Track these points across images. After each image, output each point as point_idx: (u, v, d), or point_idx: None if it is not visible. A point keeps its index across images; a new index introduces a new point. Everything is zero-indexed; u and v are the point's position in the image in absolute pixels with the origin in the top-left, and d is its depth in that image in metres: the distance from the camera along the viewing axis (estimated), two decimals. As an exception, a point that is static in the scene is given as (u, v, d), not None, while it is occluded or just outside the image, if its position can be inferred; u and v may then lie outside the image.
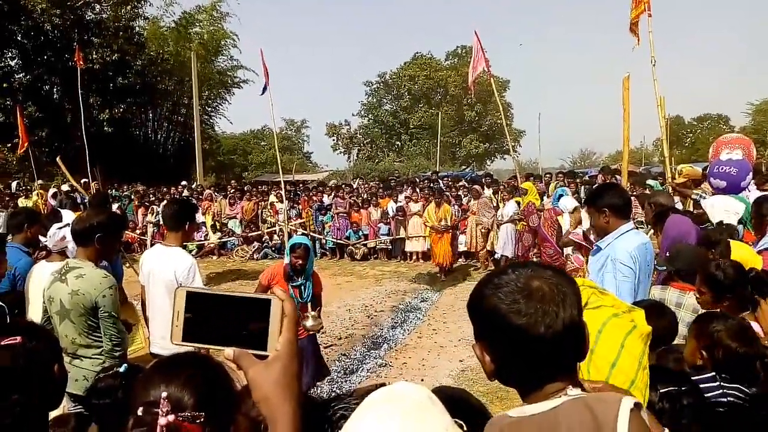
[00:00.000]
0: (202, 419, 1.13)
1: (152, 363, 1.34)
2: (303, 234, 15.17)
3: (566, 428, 1.15)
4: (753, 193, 6.56)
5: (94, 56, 26.20)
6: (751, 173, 6.19)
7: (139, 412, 1.10)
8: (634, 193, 9.46)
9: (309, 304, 5.02)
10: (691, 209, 6.10)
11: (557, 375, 1.25)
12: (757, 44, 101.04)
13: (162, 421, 1.06)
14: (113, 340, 3.41)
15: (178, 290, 0.95)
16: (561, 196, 9.69)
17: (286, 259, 5.07)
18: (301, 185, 21.34)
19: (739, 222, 5.23)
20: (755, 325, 2.75)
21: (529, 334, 1.19)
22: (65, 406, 3.41)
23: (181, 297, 0.95)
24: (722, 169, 6.10)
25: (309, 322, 5.00)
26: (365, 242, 14.64)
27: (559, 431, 1.15)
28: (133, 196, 18.41)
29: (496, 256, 12.44)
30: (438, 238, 12.13)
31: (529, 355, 1.22)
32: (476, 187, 13.81)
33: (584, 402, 1.18)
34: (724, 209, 5.24)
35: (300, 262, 4.91)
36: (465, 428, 1.20)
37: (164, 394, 1.10)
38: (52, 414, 2.37)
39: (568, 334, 1.21)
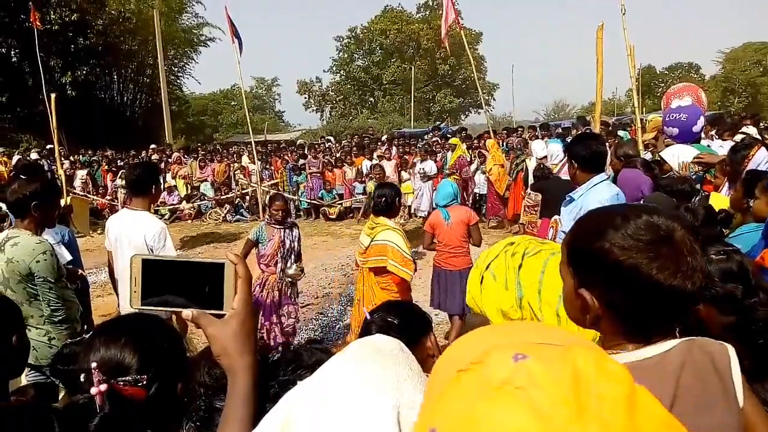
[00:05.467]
0: (144, 382, 1.12)
1: (97, 326, 1.32)
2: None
3: (690, 368, 1.12)
4: (714, 143, 6.66)
5: (52, 16, 25.11)
6: (702, 118, 6.30)
7: (81, 378, 1.09)
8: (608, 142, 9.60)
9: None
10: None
11: (673, 320, 1.19)
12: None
13: (93, 390, 1.06)
14: (51, 306, 3.38)
15: (134, 258, 0.99)
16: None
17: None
18: (272, 145, 21.05)
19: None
20: None
21: (677, 293, 1.09)
22: (26, 376, 3.39)
23: (137, 264, 0.99)
24: (673, 116, 6.27)
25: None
26: (341, 202, 14.58)
27: (682, 372, 1.12)
28: (101, 161, 18.00)
29: (419, 214, 12.60)
30: None
31: (663, 308, 1.13)
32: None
33: (698, 344, 1.15)
34: (688, 154, 5.33)
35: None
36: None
37: (94, 364, 1.09)
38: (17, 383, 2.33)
39: (704, 290, 1.14)
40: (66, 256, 4.30)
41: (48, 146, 17.61)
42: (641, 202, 4.21)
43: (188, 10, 34.77)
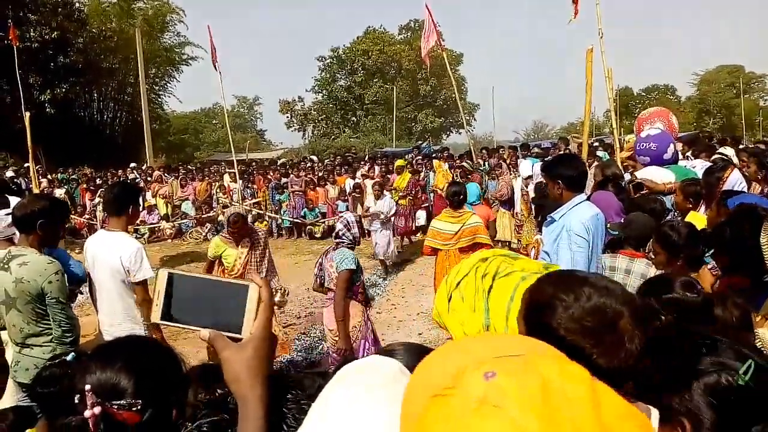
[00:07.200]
0: (138, 406, 1.11)
1: (94, 348, 1.30)
2: (259, 213, 14.99)
3: None
4: (695, 162, 6.76)
5: (31, 34, 25.03)
6: (672, 144, 6.38)
7: (76, 399, 1.08)
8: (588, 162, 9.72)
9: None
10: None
11: None
12: (702, 15, 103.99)
13: (87, 413, 1.05)
14: (63, 326, 3.33)
15: (161, 271, 0.99)
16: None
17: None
18: (254, 164, 21.02)
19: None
20: None
21: (612, 372, 1.10)
22: (15, 396, 3.32)
23: (162, 278, 0.98)
24: (643, 146, 6.35)
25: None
26: (323, 220, 14.55)
27: None
28: (80, 180, 17.81)
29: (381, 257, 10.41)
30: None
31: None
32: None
33: None
34: (659, 178, 5.42)
35: None
36: None
37: (88, 387, 1.08)
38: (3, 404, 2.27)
39: (635, 366, 1.14)
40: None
41: (25, 164, 17.39)
42: (619, 220, 4.27)
43: (170, 29, 34.85)
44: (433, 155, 17.15)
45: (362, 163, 17.84)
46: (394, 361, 0.91)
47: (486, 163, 14.15)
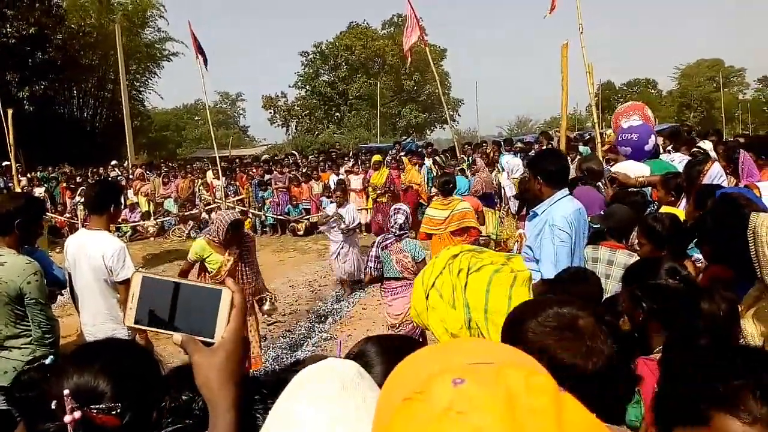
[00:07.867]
0: (118, 410, 1.09)
1: (71, 351, 1.29)
2: (242, 210, 14.90)
3: None
4: (674, 156, 6.82)
5: (8, 30, 24.61)
6: (653, 135, 6.44)
7: (53, 405, 1.07)
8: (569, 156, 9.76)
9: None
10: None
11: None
12: (683, 9, 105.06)
13: (67, 418, 1.04)
14: (42, 328, 3.30)
15: (135, 274, 0.98)
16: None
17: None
18: (238, 161, 20.89)
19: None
20: None
21: (578, 371, 1.23)
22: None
23: (136, 281, 0.98)
24: (625, 136, 6.40)
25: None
26: (307, 217, 14.49)
27: None
28: (60, 178, 17.57)
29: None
30: None
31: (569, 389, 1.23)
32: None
33: None
34: (633, 171, 5.46)
35: None
36: None
37: (67, 392, 1.07)
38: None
39: (609, 371, 1.27)
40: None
41: (4, 163, 17.13)
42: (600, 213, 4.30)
43: (151, 25, 34.44)
44: (419, 150, 17.15)
45: (346, 158, 17.81)
46: (352, 364, 0.91)
47: (470, 159, 14.20)
